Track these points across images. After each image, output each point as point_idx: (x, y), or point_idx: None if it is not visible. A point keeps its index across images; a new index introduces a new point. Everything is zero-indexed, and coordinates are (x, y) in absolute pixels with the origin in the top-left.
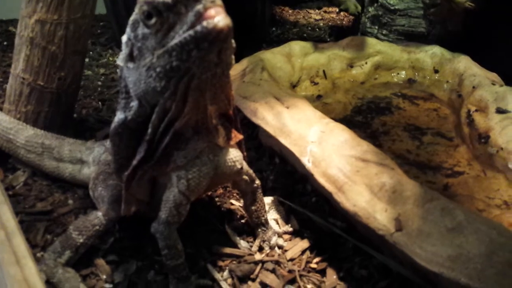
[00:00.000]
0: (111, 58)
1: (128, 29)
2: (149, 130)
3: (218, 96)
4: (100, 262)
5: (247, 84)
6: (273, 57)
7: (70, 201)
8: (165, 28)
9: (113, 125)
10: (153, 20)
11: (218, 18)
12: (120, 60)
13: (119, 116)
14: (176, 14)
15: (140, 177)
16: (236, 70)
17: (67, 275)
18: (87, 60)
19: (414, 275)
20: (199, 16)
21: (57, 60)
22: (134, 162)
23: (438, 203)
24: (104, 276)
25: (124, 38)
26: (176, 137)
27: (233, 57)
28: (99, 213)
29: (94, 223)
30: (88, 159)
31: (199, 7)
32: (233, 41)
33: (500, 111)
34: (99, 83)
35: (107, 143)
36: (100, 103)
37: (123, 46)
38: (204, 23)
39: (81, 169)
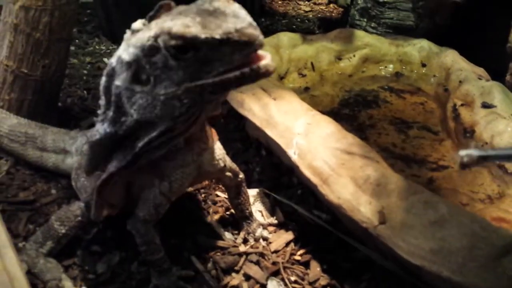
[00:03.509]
0: (97, 47)
1: (134, 50)
2: (141, 144)
3: (216, 108)
4: (83, 253)
5: None
6: None
7: (53, 191)
8: (199, 63)
9: (96, 136)
10: (188, 55)
11: (267, 61)
12: (120, 80)
13: (105, 129)
14: (217, 51)
15: (115, 182)
16: None
17: (48, 265)
18: (72, 48)
19: (397, 268)
20: (249, 59)
21: (41, 47)
22: (112, 168)
23: (422, 197)
24: (87, 267)
25: (125, 57)
26: (168, 150)
27: None
28: (82, 204)
29: (77, 213)
30: (71, 149)
31: (249, 50)
32: None
33: (485, 105)
34: (85, 71)
35: (89, 133)
36: (85, 92)
37: (124, 66)
38: (255, 67)
39: (64, 159)
